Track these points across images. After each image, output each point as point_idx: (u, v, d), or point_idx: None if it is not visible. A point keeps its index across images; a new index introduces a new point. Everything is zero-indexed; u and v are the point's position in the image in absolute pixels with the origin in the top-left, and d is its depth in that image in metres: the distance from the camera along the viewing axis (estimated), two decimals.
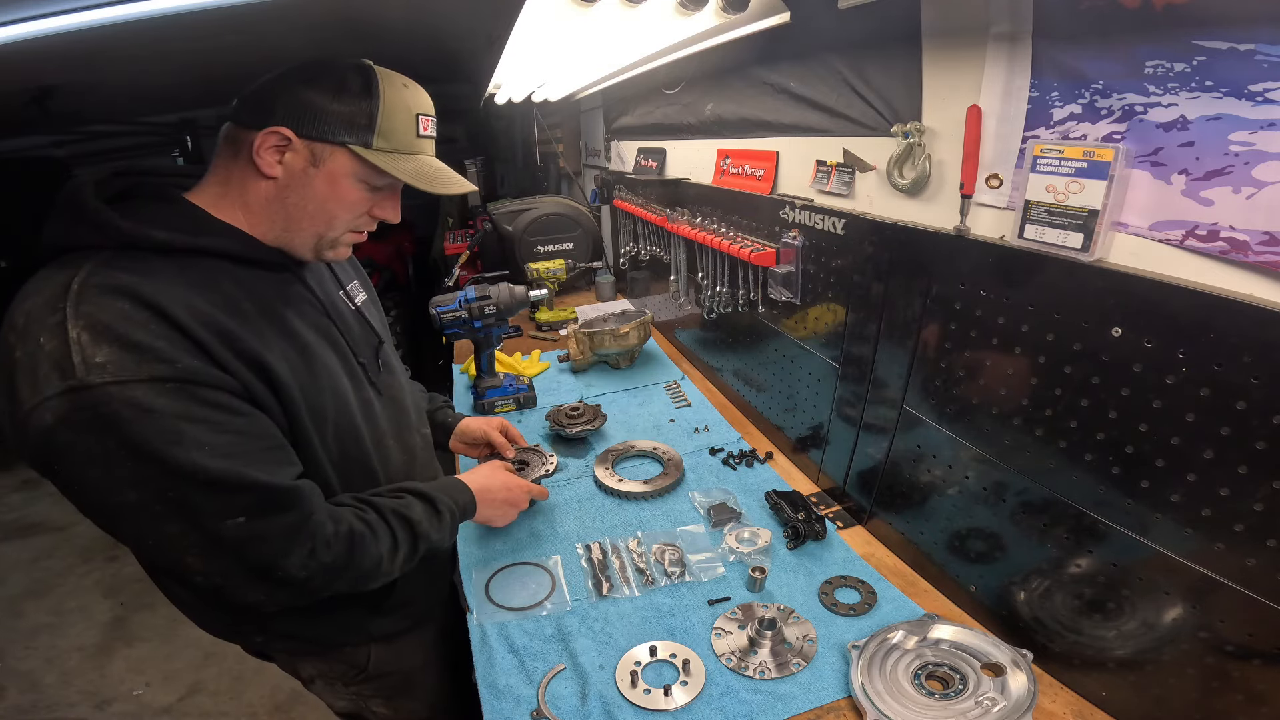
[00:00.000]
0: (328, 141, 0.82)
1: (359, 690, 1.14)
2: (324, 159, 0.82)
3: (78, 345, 0.66)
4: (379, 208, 0.91)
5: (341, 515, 0.87)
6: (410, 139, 0.87)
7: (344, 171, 0.84)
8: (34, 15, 0.82)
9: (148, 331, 0.70)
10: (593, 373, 2.22)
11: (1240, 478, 0.72)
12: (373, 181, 0.86)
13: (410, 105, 0.86)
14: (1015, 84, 0.93)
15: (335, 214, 0.87)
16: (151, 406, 0.68)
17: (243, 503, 0.75)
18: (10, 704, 2.32)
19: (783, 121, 1.52)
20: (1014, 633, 1.04)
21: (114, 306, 0.69)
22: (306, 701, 2.17)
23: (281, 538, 0.79)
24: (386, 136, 0.84)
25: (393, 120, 0.84)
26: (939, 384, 1.13)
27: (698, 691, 0.99)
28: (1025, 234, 0.92)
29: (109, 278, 0.71)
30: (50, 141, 4.05)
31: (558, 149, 3.58)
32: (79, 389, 0.66)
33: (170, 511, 0.72)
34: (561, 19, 1.12)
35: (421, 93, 0.89)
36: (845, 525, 1.39)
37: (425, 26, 1.64)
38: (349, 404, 0.96)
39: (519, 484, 1.25)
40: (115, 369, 0.67)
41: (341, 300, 1.04)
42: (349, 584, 0.89)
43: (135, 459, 0.68)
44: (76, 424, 0.66)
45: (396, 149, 0.85)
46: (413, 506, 0.97)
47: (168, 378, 0.70)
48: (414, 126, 0.87)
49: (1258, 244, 0.70)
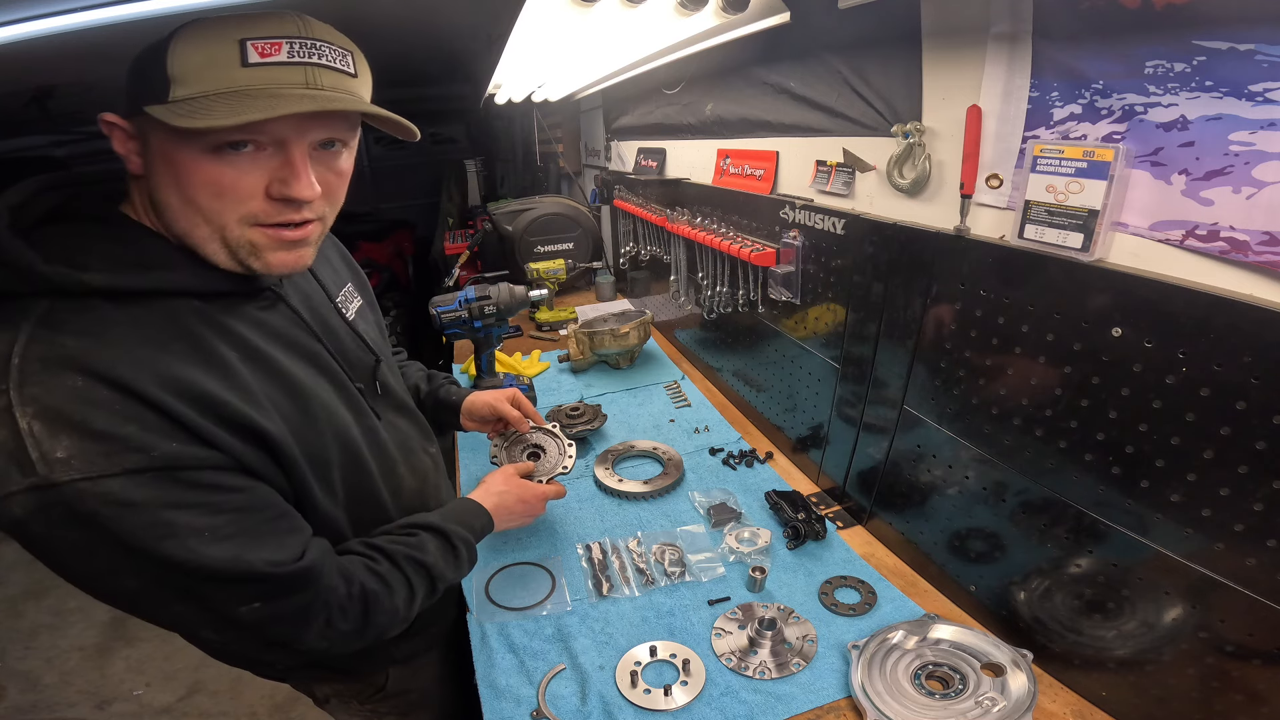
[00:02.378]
0: (135, 117, 0.65)
1: (374, 708, 1.12)
2: (148, 136, 0.65)
3: (31, 438, 0.56)
4: (278, 183, 0.67)
5: (352, 573, 0.80)
6: (229, 73, 0.62)
7: (165, 143, 0.64)
8: (34, 15, 0.82)
9: (111, 415, 0.59)
10: (593, 373, 2.22)
11: (1240, 478, 0.72)
12: (205, 146, 0.63)
13: (227, 34, 0.62)
14: (1015, 84, 0.93)
15: (202, 203, 0.66)
16: (131, 500, 0.59)
17: (256, 591, 0.69)
18: (10, 704, 2.32)
19: (783, 121, 1.52)
20: (1014, 633, 1.04)
21: (64, 386, 0.58)
22: (307, 702, 2.16)
23: (297, 615, 0.73)
24: (183, 81, 0.61)
25: (189, 59, 0.62)
26: (939, 384, 1.13)
27: (698, 691, 0.99)
28: (1025, 234, 0.92)
29: (51, 347, 0.59)
30: (50, 141, 4.05)
31: (558, 149, 3.59)
32: (44, 487, 0.56)
33: (178, 597, 0.66)
34: (561, 19, 1.12)
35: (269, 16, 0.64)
36: (845, 525, 1.39)
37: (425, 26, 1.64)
38: (353, 440, 0.86)
39: (534, 492, 1.16)
40: (81, 464, 0.57)
41: (333, 315, 0.92)
42: (369, 641, 0.83)
43: (126, 554, 0.60)
44: (51, 521, 0.58)
45: (210, 91, 0.62)
46: (426, 547, 0.89)
47: (144, 468, 0.60)
48: (235, 56, 0.62)
49: (1258, 244, 0.70)
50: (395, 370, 1.11)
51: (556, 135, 3.57)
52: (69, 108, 2.46)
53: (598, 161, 3.27)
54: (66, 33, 0.87)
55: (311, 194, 0.69)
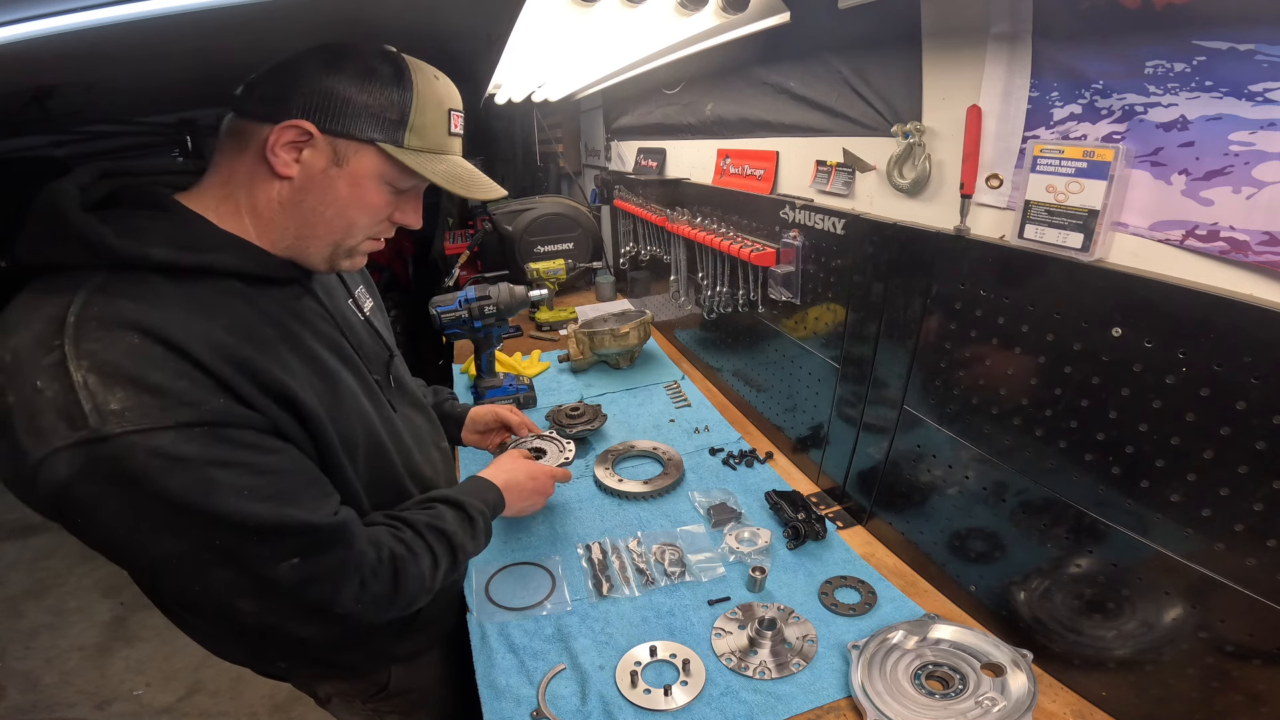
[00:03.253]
0: (355, 138, 0.73)
1: (376, 707, 1.12)
2: (348, 158, 0.74)
3: (86, 390, 0.58)
4: (400, 212, 0.83)
5: (380, 539, 0.83)
6: (442, 137, 0.79)
7: (370, 172, 0.76)
8: (34, 15, 0.82)
9: (165, 371, 0.62)
10: (593, 373, 2.22)
11: (1240, 478, 0.72)
12: (399, 184, 0.79)
13: (443, 99, 0.78)
14: (1015, 84, 0.93)
15: (356, 220, 0.79)
16: (181, 455, 0.62)
17: (295, 545, 0.70)
18: (10, 704, 2.32)
19: (783, 121, 1.52)
20: (1014, 633, 1.04)
21: (122, 342, 0.61)
22: (306, 701, 2.15)
23: (334, 575, 0.75)
24: (420, 134, 0.76)
25: (425, 115, 0.76)
26: (939, 384, 1.13)
27: (698, 691, 0.99)
28: (1025, 234, 0.92)
29: (110, 308, 0.63)
30: (50, 141, 4.04)
31: (558, 149, 3.59)
32: (94, 440, 0.58)
33: (218, 559, 0.67)
34: (561, 19, 1.12)
35: (452, 86, 0.82)
36: (845, 525, 1.39)
37: (425, 26, 1.64)
38: (375, 426, 0.90)
39: (543, 470, 1.20)
40: (135, 416, 0.59)
41: (351, 311, 0.98)
42: (398, 610, 0.85)
43: (171, 511, 0.63)
44: (97, 478, 0.59)
45: (429, 148, 0.78)
46: (445, 517, 0.93)
47: (194, 422, 0.63)
48: (446, 123, 0.79)
49: (1258, 244, 0.70)
50: (406, 367, 1.15)
51: (556, 135, 3.57)
52: (69, 108, 2.46)
53: (598, 161, 3.27)
54: (66, 33, 0.87)
55: (419, 226, 0.86)
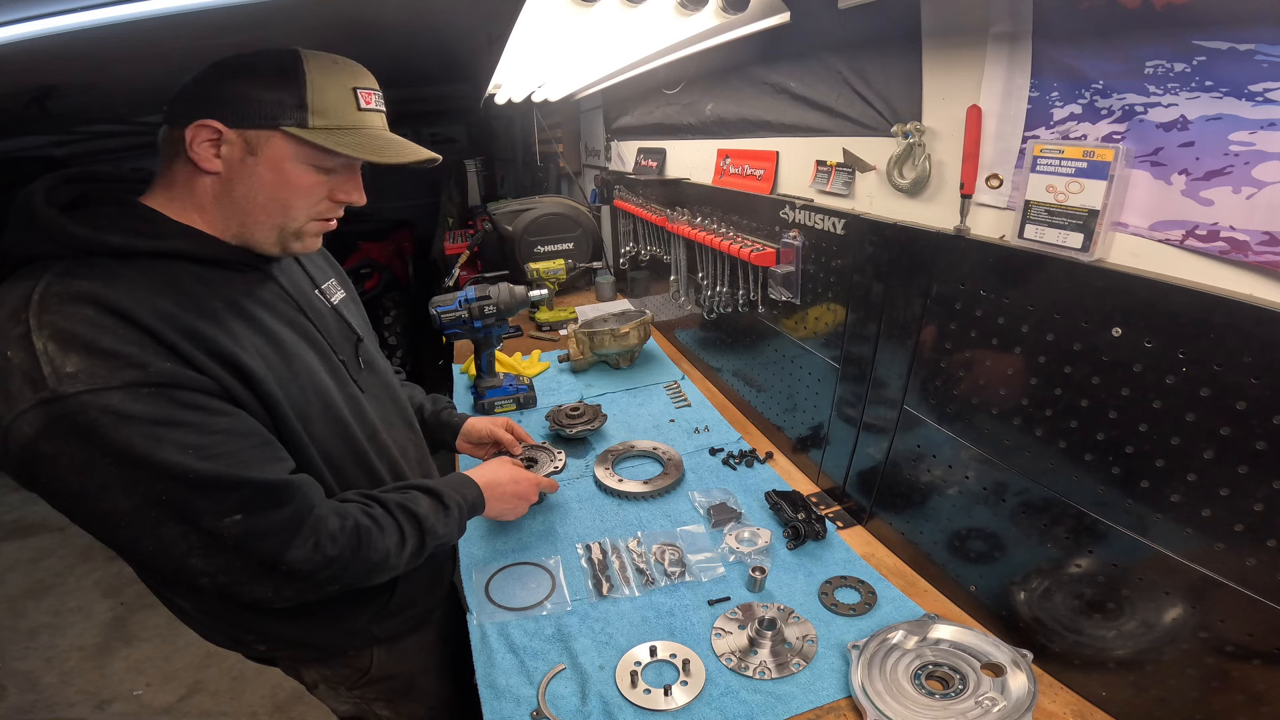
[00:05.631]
0: (260, 127, 0.79)
1: (362, 694, 1.14)
2: (260, 146, 0.80)
3: (45, 356, 0.66)
4: (340, 190, 0.88)
5: (347, 510, 0.88)
6: (350, 113, 0.83)
7: (285, 155, 0.81)
8: (34, 15, 0.82)
9: (115, 337, 0.69)
10: (593, 373, 2.22)
11: (1240, 478, 0.72)
12: (320, 163, 0.84)
13: (344, 80, 0.83)
14: (1015, 84, 0.93)
15: (289, 201, 0.84)
16: (129, 413, 0.68)
17: (236, 499, 0.75)
18: (10, 704, 2.32)
19: (783, 121, 1.52)
20: (1014, 633, 1.04)
21: (77, 313, 0.68)
22: (306, 701, 2.17)
23: (281, 531, 0.78)
24: (322, 114, 0.81)
25: (325, 96, 0.81)
26: (939, 384, 1.13)
27: (698, 691, 0.99)
28: (1025, 234, 0.92)
29: (69, 286, 0.70)
30: (50, 141, 4.05)
31: (558, 149, 3.58)
32: (52, 400, 0.65)
33: (165, 514, 0.72)
34: (561, 19, 1.12)
35: (357, 67, 0.86)
36: (845, 525, 1.39)
37: (425, 26, 1.65)
38: (334, 401, 0.94)
39: (527, 476, 1.24)
40: (87, 378, 0.66)
41: (317, 299, 1.03)
42: (356, 577, 0.88)
43: (120, 465, 0.68)
44: (55, 435, 0.66)
45: (337, 126, 0.82)
46: (419, 501, 0.97)
47: (142, 383, 0.69)
48: (352, 101, 0.84)
49: (1258, 244, 0.70)
50: (382, 355, 1.18)
51: (556, 135, 3.57)
52: (69, 108, 2.47)
53: (598, 161, 3.27)
54: (67, 33, 0.87)
55: (363, 202, 0.91)
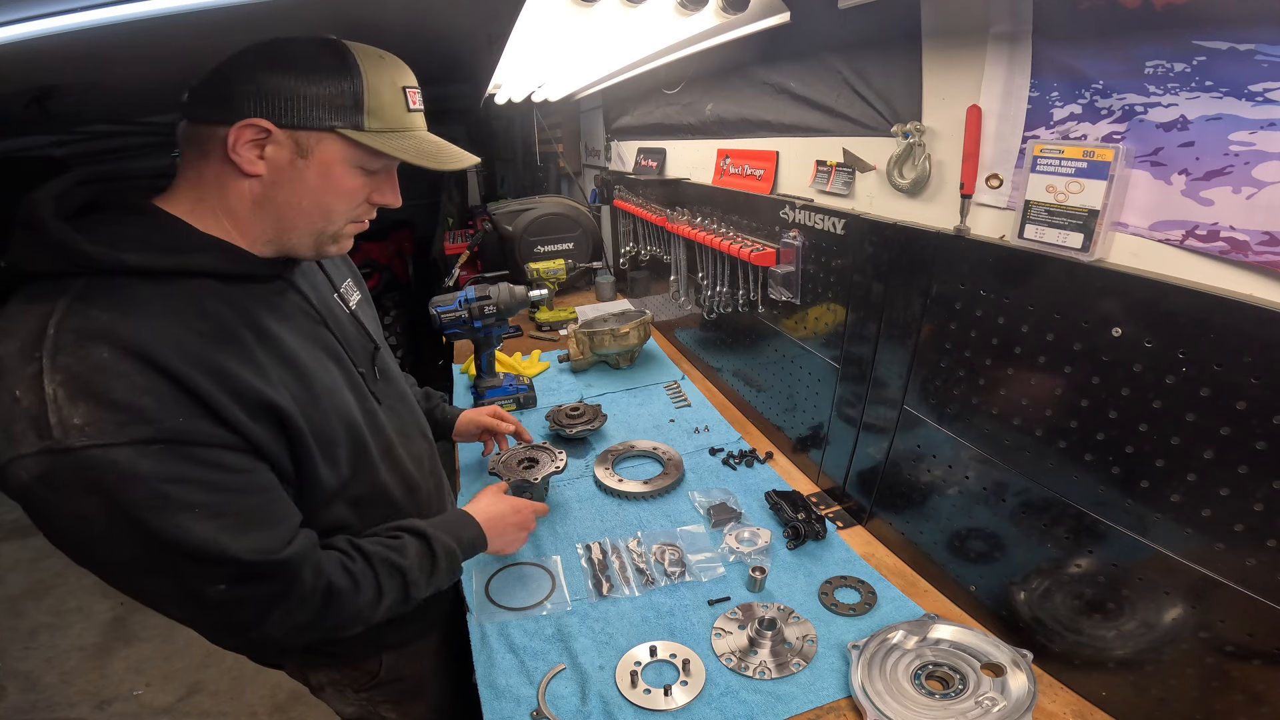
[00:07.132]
0: (314, 128, 0.75)
1: (369, 696, 1.13)
2: (312, 148, 0.76)
3: (54, 403, 0.61)
4: (378, 193, 0.85)
5: (323, 567, 0.82)
6: (401, 115, 0.80)
7: (337, 158, 0.77)
8: (34, 15, 0.82)
9: (130, 385, 0.64)
10: (593, 373, 2.22)
11: (1240, 478, 0.72)
12: (369, 166, 0.81)
13: (395, 79, 0.80)
14: (1015, 84, 0.93)
15: (333, 206, 0.81)
16: (134, 470, 0.63)
17: (224, 573, 0.72)
18: (10, 704, 2.32)
19: (783, 121, 1.52)
20: (1014, 633, 1.04)
21: (92, 357, 0.63)
22: (306, 701, 2.17)
23: (263, 603, 0.76)
24: (377, 115, 0.77)
25: (380, 97, 0.77)
26: (939, 384, 1.13)
27: (698, 691, 0.99)
28: (1025, 234, 0.92)
29: (86, 319, 0.65)
30: (50, 141, 4.04)
31: (558, 149, 3.59)
32: (56, 451, 0.61)
33: (154, 570, 0.70)
34: (561, 19, 1.12)
35: (401, 64, 0.83)
36: (845, 525, 1.39)
37: (425, 26, 1.65)
38: (355, 421, 0.91)
39: (524, 505, 1.19)
40: (94, 432, 0.62)
41: (337, 304, 1.00)
42: (320, 635, 0.85)
43: (117, 522, 0.65)
44: (54, 484, 0.63)
45: (390, 127, 0.79)
46: (406, 551, 0.92)
47: (150, 439, 0.64)
48: (403, 101, 0.80)
49: (1258, 244, 0.70)
50: (395, 360, 1.16)
51: (556, 135, 3.57)
52: (69, 108, 2.46)
53: (598, 161, 3.27)
54: (66, 33, 0.87)
55: (399, 204, 0.89)
